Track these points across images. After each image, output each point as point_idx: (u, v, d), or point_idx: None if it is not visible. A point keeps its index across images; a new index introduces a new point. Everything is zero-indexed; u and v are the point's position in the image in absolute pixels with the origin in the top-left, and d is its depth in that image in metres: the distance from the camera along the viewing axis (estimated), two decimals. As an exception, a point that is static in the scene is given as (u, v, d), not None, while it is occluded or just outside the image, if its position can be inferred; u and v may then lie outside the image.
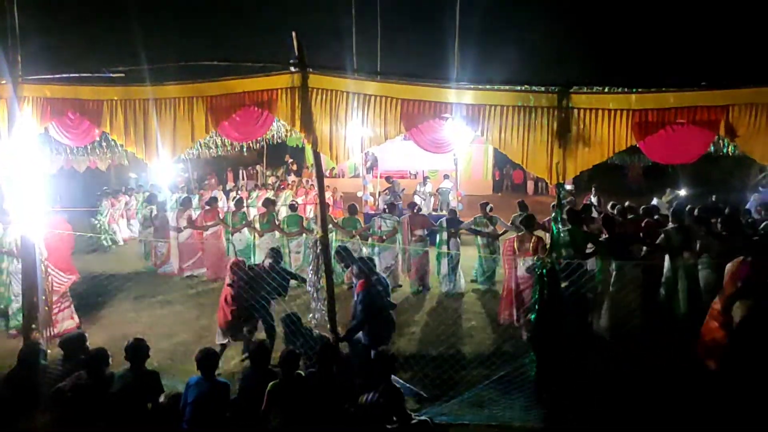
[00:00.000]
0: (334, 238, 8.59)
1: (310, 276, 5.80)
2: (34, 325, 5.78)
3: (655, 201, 12.97)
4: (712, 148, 6.43)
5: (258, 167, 23.79)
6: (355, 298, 5.57)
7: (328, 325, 5.44)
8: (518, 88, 5.06)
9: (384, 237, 9.13)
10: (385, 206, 10.18)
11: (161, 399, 4.43)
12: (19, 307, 6.92)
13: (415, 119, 5.18)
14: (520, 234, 7.26)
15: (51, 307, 6.86)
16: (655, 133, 4.79)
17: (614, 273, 6.77)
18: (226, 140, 10.73)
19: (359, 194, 14.76)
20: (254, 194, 16.03)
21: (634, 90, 4.95)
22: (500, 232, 9.07)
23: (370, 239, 9.40)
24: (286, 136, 11.21)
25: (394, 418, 4.22)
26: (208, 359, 4.34)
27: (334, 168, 22.42)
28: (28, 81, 5.76)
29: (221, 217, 10.37)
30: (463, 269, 9.27)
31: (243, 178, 24.73)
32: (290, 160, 24.94)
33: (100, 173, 18.38)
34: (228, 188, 18.84)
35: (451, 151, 10.10)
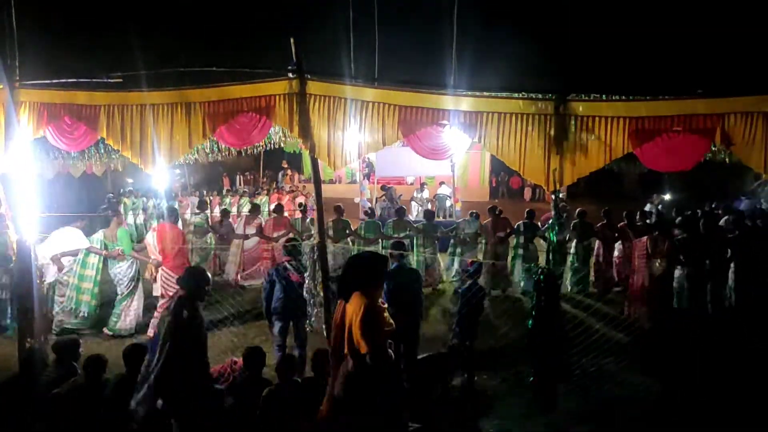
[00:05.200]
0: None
1: (306, 282, 5.80)
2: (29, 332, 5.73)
3: (648, 207, 13.24)
4: (709, 155, 6.46)
5: (265, 174, 23.80)
6: None
7: (324, 332, 5.43)
8: (515, 95, 5.09)
9: (468, 239, 9.29)
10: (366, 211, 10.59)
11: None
12: (115, 304, 7.04)
13: (412, 126, 5.19)
14: (653, 236, 7.63)
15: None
16: (651, 141, 4.82)
17: None
18: (222, 146, 10.65)
19: (356, 200, 14.77)
20: (227, 200, 16.00)
21: (630, 98, 4.98)
22: (566, 240, 9.27)
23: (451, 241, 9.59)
24: (283, 142, 11.17)
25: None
26: None
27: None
28: (26, 86, 5.74)
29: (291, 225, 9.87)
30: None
31: (240, 183, 24.72)
32: (286, 166, 24.97)
33: (96, 178, 18.31)
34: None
35: (449, 158, 10.15)
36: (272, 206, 14.89)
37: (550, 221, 7.77)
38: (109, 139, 5.74)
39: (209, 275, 4.10)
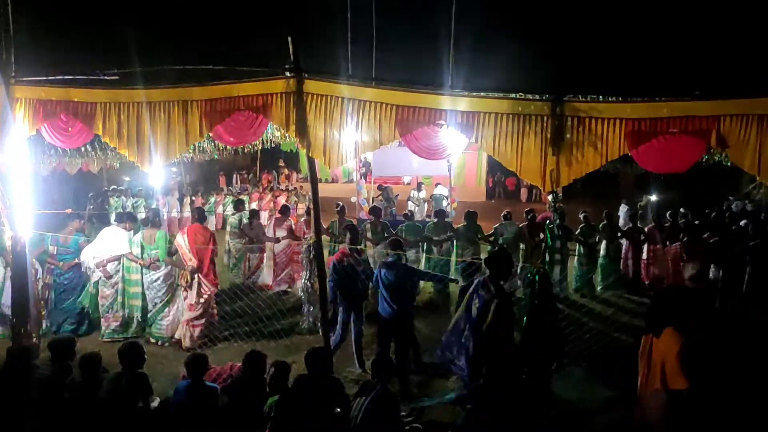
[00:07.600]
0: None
1: (303, 281, 5.80)
2: (23, 329, 5.71)
3: (623, 207, 13.54)
4: (706, 157, 6.51)
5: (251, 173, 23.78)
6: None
7: (320, 330, 5.43)
8: (513, 95, 5.08)
9: (506, 244, 9.07)
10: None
11: (153, 403, 4.41)
12: (154, 314, 6.94)
13: (409, 125, 5.19)
14: (684, 242, 7.95)
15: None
16: (647, 142, 4.82)
17: None
18: (219, 144, 10.61)
19: (353, 200, 14.76)
20: (212, 199, 15.96)
21: (627, 99, 4.98)
22: (597, 242, 9.51)
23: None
24: (281, 140, 11.14)
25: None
26: (197, 364, 4.32)
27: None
28: (21, 82, 5.72)
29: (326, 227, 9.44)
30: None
31: (237, 182, 24.68)
32: (283, 165, 24.96)
33: (91, 176, 18.24)
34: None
35: (446, 158, 10.15)
36: (253, 204, 14.93)
37: (547, 222, 7.78)
38: (105, 136, 5.72)
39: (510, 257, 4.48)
